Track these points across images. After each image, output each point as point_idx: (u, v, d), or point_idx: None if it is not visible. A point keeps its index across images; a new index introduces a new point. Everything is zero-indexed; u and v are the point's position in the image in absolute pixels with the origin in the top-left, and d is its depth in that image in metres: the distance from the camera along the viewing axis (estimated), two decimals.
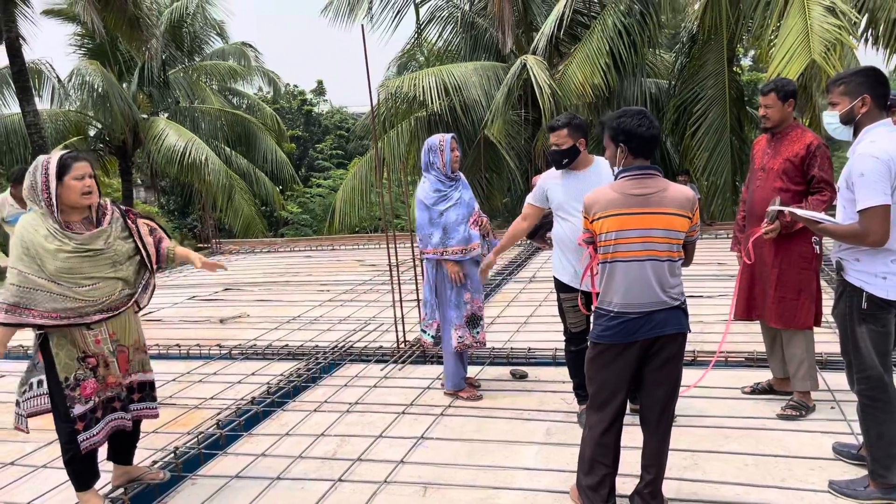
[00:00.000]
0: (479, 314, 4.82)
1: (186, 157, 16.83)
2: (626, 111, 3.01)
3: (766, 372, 4.69)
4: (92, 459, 3.48)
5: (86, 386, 3.36)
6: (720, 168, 11.97)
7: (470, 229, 4.69)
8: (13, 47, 13.24)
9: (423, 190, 4.76)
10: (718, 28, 11.77)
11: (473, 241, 4.69)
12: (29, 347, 6.77)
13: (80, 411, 3.34)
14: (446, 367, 4.86)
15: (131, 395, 3.57)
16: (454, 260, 4.68)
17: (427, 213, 4.71)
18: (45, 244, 3.24)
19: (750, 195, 4.25)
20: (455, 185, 4.76)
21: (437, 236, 4.68)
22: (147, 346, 3.71)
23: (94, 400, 3.40)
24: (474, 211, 4.76)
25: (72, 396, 3.33)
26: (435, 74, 13.05)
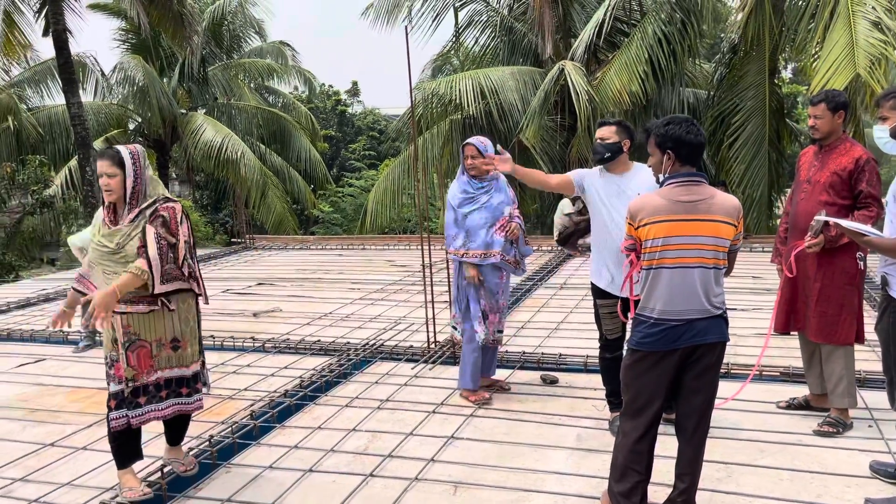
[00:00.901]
0: (488, 315, 4.80)
1: (222, 153, 17.05)
2: (674, 118, 3.01)
3: (801, 387, 4.63)
4: (132, 439, 3.57)
5: (118, 368, 3.47)
6: (757, 180, 11.82)
7: (494, 234, 4.69)
8: (60, 39, 13.56)
9: (452, 190, 4.83)
10: (761, 39, 11.64)
11: (494, 247, 4.69)
12: (70, 333, 6.96)
13: (113, 389, 3.47)
14: (461, 367, 4.88)
15: (159, 394, 3.57)
16: (472, 263, 4.70)
17: (453, 214, 4.77)
18: (94, 231, 3.54)
19: (794, 207, 4.21)
20: (485, 188, 4.76)
21: (461, 238, 4.73)
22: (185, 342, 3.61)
23: (125, 383, 3.46)
24: (502, 216, 4.75)
25: (108, 374, 3.49)
26: (471, 77, 13.08)
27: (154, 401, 3.55)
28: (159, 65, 19.18)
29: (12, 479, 3.95)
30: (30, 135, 17.61)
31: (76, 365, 6.09)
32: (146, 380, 3.50)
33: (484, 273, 4.72)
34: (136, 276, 3.36)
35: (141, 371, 3.47)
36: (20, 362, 6.23)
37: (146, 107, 17.74)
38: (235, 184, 17.64)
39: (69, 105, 13.94)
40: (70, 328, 4.21)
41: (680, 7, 12.31)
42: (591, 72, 13.23)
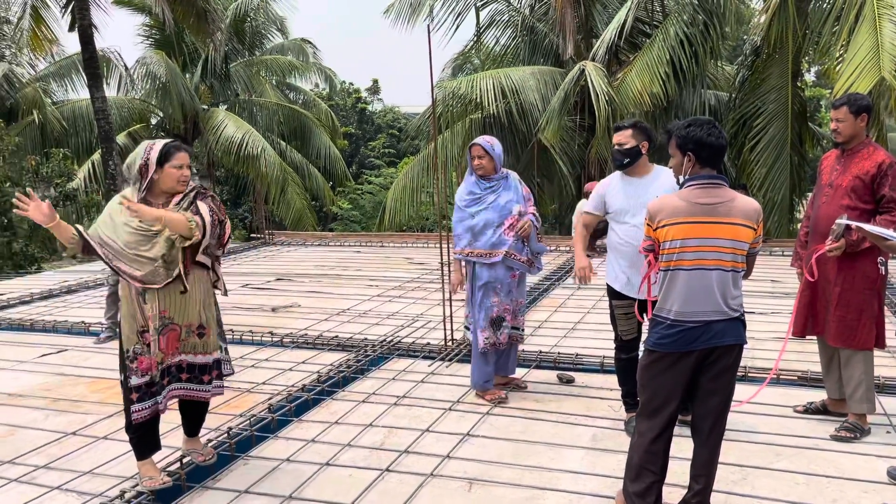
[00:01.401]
0: (503, 316, 4.78)
1: (243, 149, 17.20)
2: (695, 120, 3.01)
3: (818, 392, 4.61)
4: (151, 430, 3.62)
5: (142, 361, 3.51)
6: (778, 184, 11.73)
7: (502, 235, 4.68)
8: (85, 35, 13.73)
9: (459, 191, 4.84)
10: (784, 41, 11.55)
11: (501, 247, 4.67)
12: (91, 324, 7.06)
13: (135, 383, 3.50)
14: (472, 366, 4.90)
15: (179, 374, 3.65)
16: (481, 262, 4.70)
17: (459, 214, 4.77)
18: (119, 215, 3.47)
19: (815, 211, 4.18)
20: (493, 188, 4.76)
21: (466, 238, 4.73)
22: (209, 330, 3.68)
23: (150, 375, 3.52)
24: (511, 215, 4.73)
25: (130, 368, 3.51)
26: (492, 77, 13.09)
27: (174, 381, 3.64)
28: (182, 61, 19.37)
29: (35, 465, 4.02)
30: (54, 128, 17.88)
31: (97, 356, 6.18)
32: (170, 361, 3.59)
33: (495, 273, 4.72)
34: (186, 221, 3.42)
35: (167, 354, 3.56)
36: (43, 352, 6.33)
37: (168, 102, 17.92)
38: (255, 180, 17.79)
39: (93, 99, 14.11)
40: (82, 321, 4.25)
41: (703, 8, 12.25)
42: (612, 72, 13.20)
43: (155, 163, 3.47)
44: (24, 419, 4.76)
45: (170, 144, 3.53)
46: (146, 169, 3.48)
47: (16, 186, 13.58)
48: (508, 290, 4.79)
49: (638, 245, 3.87)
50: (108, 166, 14.32)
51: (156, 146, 3.51)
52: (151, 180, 3.49)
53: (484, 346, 4.74)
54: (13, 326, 7.35)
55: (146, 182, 3.49)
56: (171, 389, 3.63)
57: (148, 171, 3.48)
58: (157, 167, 3.47)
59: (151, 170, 3.47)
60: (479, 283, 4.75)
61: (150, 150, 3.50)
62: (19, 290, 9.25)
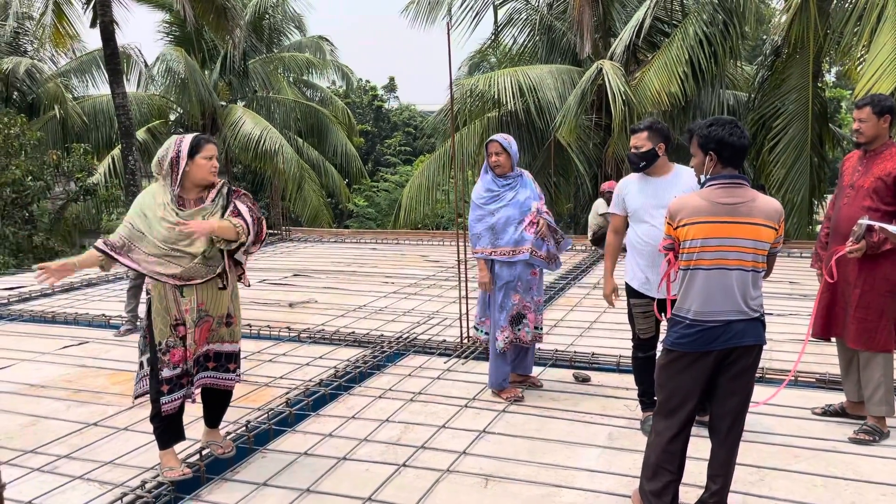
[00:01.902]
0: (523, 313, 4.78)
1: (261, 145, 17.30)
2: (717, 120, 3.01)
3: (837, 394, 4.59)
4: (175, 421, 3.68)
5: (175, 353, 3.56)
6: (798, 185, 11.64)
7: (524, 231, 4.68)
8: (107, 31, 13.86)
9: (476, 190, 4.81)
10: (805, 42, 11.45)
11: (524, 243, 4.67)
12: (112, 317, 7.15)
13: (167, 375, 3.56)
14: (489, 366, 4.90)
15: (206, 363, 3.75)
16: (502, 261, 4.69)
17: (477, 213, 4.75)
18: (156, 211, 3.52)
19: (836, 212, 4.16)
20: (511, 185, 4.76)
21: (487, 237, 4.71)
22: (235, 319, 3.80)
23: (181, 367, 3.59)
24: (530, 212, 4.72)
25: (162, 360, 3.56)
26: (510, 74, 13.09)
27: (202, 370, 3.73)
28: (201, 57, 19.51)
29: (57, 455, 4.09)
30: (75, 123, 18.07)
31: (117, 348, 6.26)
32: (199, 350, 3.67)
33: (515, 271, 4.73)
34: (233, 227, 3.54)
35: (199, 345, 3.66)
36: (64, 344, 6.42)
37: (187, 98, 18.06)
38: (272, 176, 17.89)
39: (114, 95, 14.25)
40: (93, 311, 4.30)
41: (722, 8, 12.18)
42: (629, 72, 13.15)
43: (186, 155, 3.53)
44: (46, 410, 4.83)
45: (199, 136, 3.60)
46: (178, 161, 3.53)
47: (37, 181, 13.75)
48: (528, 288, 4.79)
49: (656, 244, 3.88)
50: (128, 161, 14.46)
51: (185, 139, 3.57)
52: (184, 173, 3.53)
53: (504, 347, 4.75)
54: (35, 318, 7.46)
55: (178, 175, 3.53)
56: (199, 378, 3.72)
57: (180, 164, 3.52)
58: (189, 159, 3.53)
59: (183, 162, 3.52)
60: (499, 283, 4.73)
61: (180, 143, 3.56)
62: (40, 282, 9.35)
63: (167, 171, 3.55)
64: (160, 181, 3.60)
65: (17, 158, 13.62)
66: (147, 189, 3.63)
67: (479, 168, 13.07)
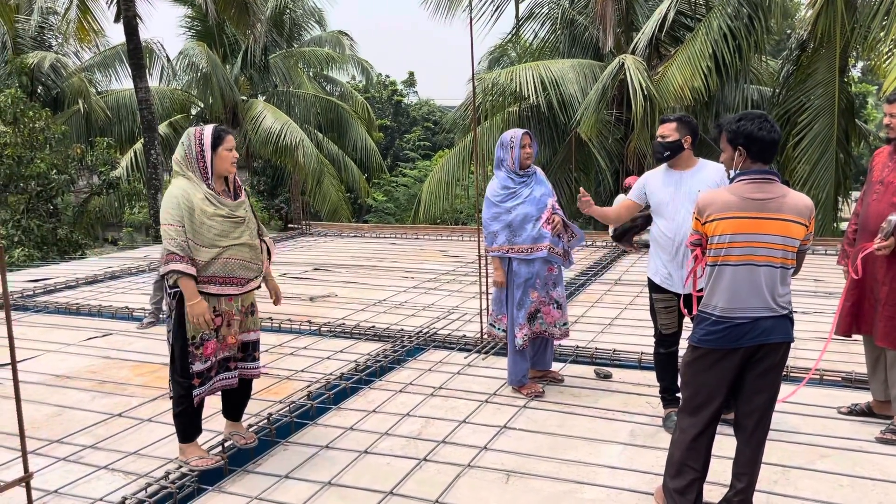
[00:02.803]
0: (539, 308, 4.76)
1: (281, 140, 17.36)
2: (747, 114, 2.96)
3: (863, 393, 4.52)
4: (199, 415, 3.71)
5: (208, 346, 3.60)
6: (823, 182, 11.48)
7: (542, 228, 4.65)
8: (130, 26, 13.98)
9: (492, 187, 4.76)
10: (832, 36, 11.28)
11: (543, 241, 4.64)
12: (135, 309, 7.21)
13: (198, 368, 3.59)
14: (508, 363, 4.89)
15: (238, 354, 3.82)
16: (520, 258, 4.67)
17: (494, 210, 4.70)
18: (205, 207, 3.52)
19: (864, 208, 4.09)
20: (526, 182, 4.72)
21: (504, 234, 4.67)
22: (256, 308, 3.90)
23: (212, 360, 3.63)
24: (546, 208, 4.70)
25: (195, 354, 3.57)
26: (532, 69, 13.02)
27: (237, 361, 3.81)
28: (222, 52, 19.61)
29: (83, 445, 4.14)
30: (98, 117, 18.25)
31: (140, 340, 6.32)
32: (235, 342, 3.76)
33: (533, 269, 4.70)
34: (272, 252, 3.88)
35: (235, 336, 3.75)
36: (88, 335, 6.50)
37: (209, 93, 18.16)
38: (293, 170, 17.95)
39: (137, 89, 14.38)
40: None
41: (747, 2, 12.02)
42: (652, 66, 13.03)
43: (210, 147, 3.54)
44: (71, 400, 4.89)
45: (218, 128, 3.59)
46: (203, 155, 3.53)
47: (62, 174, 13.91)
48: (545, 284, 4.77)
49: (679, 239, 3.84)
50: (150, 155, 14.58)
51: (206, 131, 3.57)
52: (211, 165, 3.54)
53: (523, 344, 4.73)
54: (60, 310, 7.56)
55: (208, 167, 3.54)
56: (226, 377, 3.77)
57: (206, 156, 3.53)
58: (212, 151, 3.55)
59: (209, 154, 3.54)
60: (518, 281, 4.70)
61: (201, 136, 3.56)
62: (65, 275, 9.49)
63: (194, 165, 3.55)
64: (183, 177, 3.57)
65: (42, 152, 13.78)
66: (175, 187, 3.55)
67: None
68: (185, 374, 3.58)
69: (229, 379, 3.77)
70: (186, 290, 3.47)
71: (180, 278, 3.46)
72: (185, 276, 3.46)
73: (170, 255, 3.45)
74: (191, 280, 3.47)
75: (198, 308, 3.48)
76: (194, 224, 3.49)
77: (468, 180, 15.21)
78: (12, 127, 13.40)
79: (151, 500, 3.43)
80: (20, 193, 13.61)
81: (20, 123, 13.51)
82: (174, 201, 3.50)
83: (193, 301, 3.48)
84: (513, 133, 4.75)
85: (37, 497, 3.43)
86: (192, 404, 3.61)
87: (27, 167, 13.35)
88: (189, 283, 3.47)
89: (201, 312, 3.49)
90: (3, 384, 5.23)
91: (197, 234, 3.50)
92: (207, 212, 3.51)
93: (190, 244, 3.49)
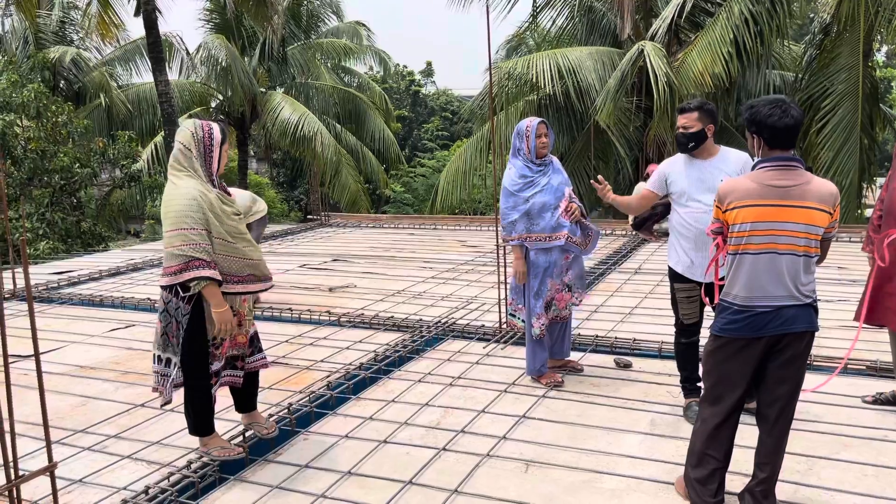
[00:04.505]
0: (554, 296, 4.74)
1: (299, 131, 17.40)
2: (761, 100, 2.90)
3: (888, 382, 4.46)
4: (213, 410, 3.74)
5: (225, 345, 3.62)
6: (847, 168, 11.31)
7: (560, 218, 4.62)
8: (150, 19, 14.05)
9: (509, 176, 4.72)
10: (855, 19, 11.08)
11: (561, 230, 4.61)
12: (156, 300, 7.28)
13: (216, 368, 3.60)
14: (526, 353, 4.87)
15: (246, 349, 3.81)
16: (538, 248, 4.64)
17: (512, 200, 4.66)
18: (224, 206, 3.46)
19: (889, 194, 4.02)
20: (543, 171, 4.68)
21: (523, 223, 4.64)
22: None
23: (225, 357, 3.66)
24: (563, 196, 4.66)
25: (213, 354, 3.56)
26: (549, 57, 12.93)
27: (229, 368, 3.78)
28: (241, 44, 19.66)
29: (107, 435, 4.20)
30: (119, 111, 18.42)
31: None
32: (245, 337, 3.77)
33: (551, 258, 4.68)
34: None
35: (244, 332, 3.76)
36: (112, 327, 6.57)
37: (228, 85, 18.24)
38: (312, 162, 18.01)
39: (157, 83, 14.47)
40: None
41: None
42: (671, 53, 12.89)
43: (219, 145, 3.48)
44: (95, 390, 4.96)
45: (222, 125, 3.52)
46: (211, 151, 3.45)
47: (84, 167, 14.06)
48: (560, 271, 4.75)
49: (702, 227, 3.80)
50: (171, 148, 14.67)
51: (214, 127, 3.48)
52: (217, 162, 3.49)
53: (540, 334, 4.71)
54: (84, 301, 7.65)
55: (214, 163, 3.47)
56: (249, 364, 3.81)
57: (213, 153, 3.46)
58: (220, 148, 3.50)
59: (217, 151, 3.47)
60: (535, 271, 4.69)
61: (211, 131, 3.47)
62: (88, 267, 9.61)
63: (201, 161, 3.43)
64: (189, 176, 3.40)
65: (65, 146, 13.94)
66: (188, 188, 3.38)
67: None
68: (205, 374, 3.54)
69: (235, 377, 3.78)
70: (214, 297, 3.36)
71: (208, 285, 3.35)
72: (212, 282, 3.36)
73: (193, 261, 3.29)
74: (217, 286, 3.38)
75: (227, 314, 3.41)
76: (214, 225, 3.38)
77: (486, 170, 15.15)
78: (35, 121, 13.55)
79: (174, 488, 3.46)
80: (44, 187, 13.77)
81: (43, 118, 13.66)
82: (193, 203, 3.32)
83: (222, 308, 3.39)
84: (529, 122, 4.71)
85: (62, 486, 3.48)
86: (209, 402, 3.63)
87: (51, 161, 13.51)
88: (216, 290, 3.37)
89: (230, 319, 3.43)
90: (28, 374, 5.31)
91: (217, 235, 3.40)
92: (227, 211, 3.44)
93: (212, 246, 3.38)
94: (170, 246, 3.35)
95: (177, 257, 3.33)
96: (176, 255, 3.33)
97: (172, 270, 3.35)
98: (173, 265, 3.35)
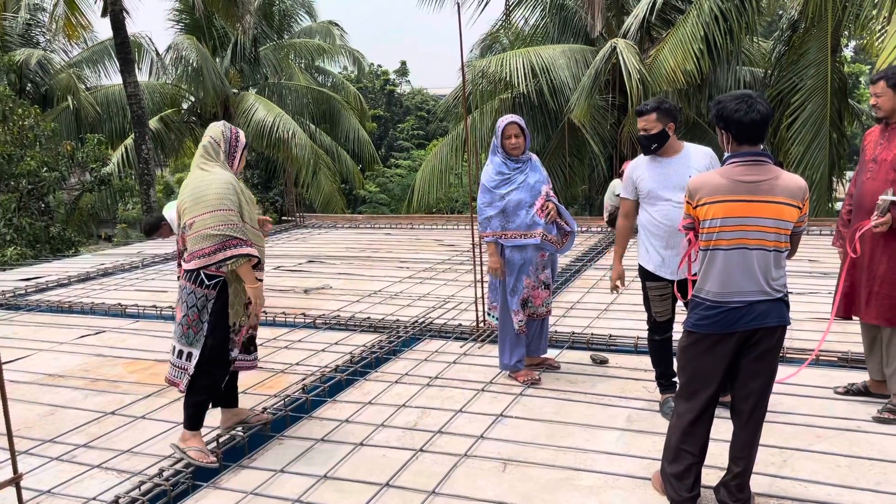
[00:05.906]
0: (531, 294, 4.74)
1: (274, 132, 17.26)
2: (728, 95, 2.90)
3: (860, 373, 4.51)
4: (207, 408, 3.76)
5: (242, 331, 3.74)
6: (817, 162, 11.46)
7: (535, 216, 4.61)
8: (117, 20, 13.87)
9: (486, 173, 4.71)
10: (823, 15, 11.23)
11: (536, 228, 4.60)
12: (127, 306, 7.16)
13: (234, 355, 3.71)
14: (499, 348, 4.87)
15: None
16: (513, 245, 4.63)
17: (488, 196, 4.65)
18: (250, 195, 3.70)
19: (858, 187, 4.06)
20: (521, 168, 4.67)
21: (498, 220, 4.63)
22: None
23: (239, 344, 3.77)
24: (540, 195, 4.66)
25: (233, 340, 3.68)
26: (522, 56, 12.95)
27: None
28: (212, 45, 19.46)
29: (75, 444, 4.10)
30: (88, 114, 18.13)
31: (134, 337, 6.28)
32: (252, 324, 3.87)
33: (526, 255, 4.67)
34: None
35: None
36: (81, 334, 6.45)
37: (199, 86, 18.03)
38: (286, 163, 17.88)
39: (126, 84, 14.27)
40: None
41: None
42: (644, 50, 12.98)
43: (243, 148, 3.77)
44: (64, 399, 4.85)
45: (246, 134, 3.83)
46: (236, 152, 3.73)
47: (53, 171, 13.81)
48: (535, 269, 4.74)
49: (672, 224, 3.81)
50: (141, 150, 14.50)
51: (241, 133, 3.77)
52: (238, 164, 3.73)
53: (520, 329, 4.70)
54: (52, 308, 7.50)
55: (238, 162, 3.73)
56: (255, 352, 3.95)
57: (236, 155, 3.73)
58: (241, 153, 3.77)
59: (239, 154, 3.75)
60: (511, 268, 4.68)
61: (237, 133, 3.74)
62: (57, 272, 9.43)
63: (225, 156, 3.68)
64: (219, 166, 3.64)
65: (32, 150, 13.67)
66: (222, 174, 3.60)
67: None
68: (225, 362, 3.67)
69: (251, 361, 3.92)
70: (248, 273, 3.54)
71: (245, 263, 3.50)
72: (248, 260, 3.52)
73: (231, 240, 3.45)
74: (250, 265, 3.55)
75: (261, 289, 3.64)
76: (245, 210, 3.61)
77: (462, 168, 15.15)
78: (1, 125, 13.29)
79: (145, 497, 3.39)
80: (11, 192, 13.51)
81: (9, 121, 13.40)
82: (229, 187, 3.53)
83: (256, 284, 3.59)
84: (501, 121, 4.71)
85: (29, 497, 3.40)
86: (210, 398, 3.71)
87: (17, 165, 13.24)
88: (250, 268, 3.55)
89: (262, 294, 3.64)
90: None
91: (247, 220, 3.62)
92: (253, 199, 3.71)
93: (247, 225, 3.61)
94: (203, 228, 3.46)
95: (211, 238, 3.45)
96: (211, 235, 3.45)
97: (207, 251, 3.45)
98: (207, 246, 3.46)
